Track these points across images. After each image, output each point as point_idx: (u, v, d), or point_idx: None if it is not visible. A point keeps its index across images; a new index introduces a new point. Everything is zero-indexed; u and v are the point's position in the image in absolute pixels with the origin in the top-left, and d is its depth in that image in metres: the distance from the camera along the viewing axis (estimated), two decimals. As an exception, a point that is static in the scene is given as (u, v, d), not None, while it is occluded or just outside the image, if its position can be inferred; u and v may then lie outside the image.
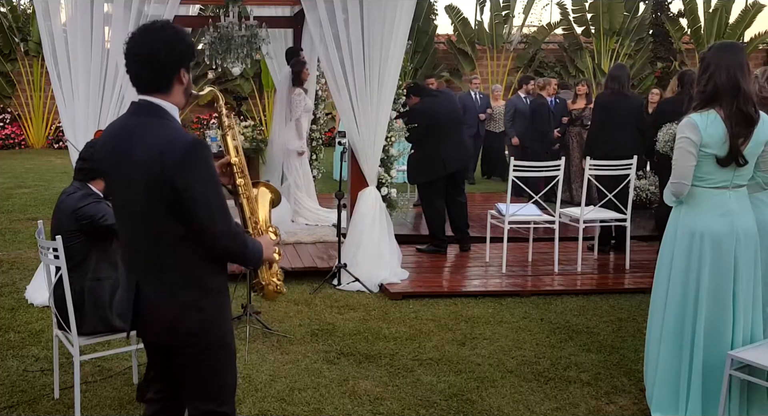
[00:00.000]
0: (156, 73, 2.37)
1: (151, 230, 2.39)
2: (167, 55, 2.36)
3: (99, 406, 3.80)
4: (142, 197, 2.35)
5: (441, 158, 6.69)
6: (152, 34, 2.37)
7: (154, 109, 2.38)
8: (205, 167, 2.31)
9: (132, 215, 2.43)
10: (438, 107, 6.79)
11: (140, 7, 5.60)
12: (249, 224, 2.69)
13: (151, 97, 2.39)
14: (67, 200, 3.59)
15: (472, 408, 3.84)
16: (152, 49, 2.35)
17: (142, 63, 2.37)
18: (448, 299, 5.67)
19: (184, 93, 2.45)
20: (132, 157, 2.34)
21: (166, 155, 2.27)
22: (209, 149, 2.35)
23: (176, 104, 2.43)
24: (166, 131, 2.33)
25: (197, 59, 2.78)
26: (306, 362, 4.41)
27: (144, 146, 2.32)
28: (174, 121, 2.40)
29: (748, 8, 17.22)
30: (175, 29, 2.40)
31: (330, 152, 11.21)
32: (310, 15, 6.15)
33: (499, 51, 17.84)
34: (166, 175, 2.27)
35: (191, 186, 2.28)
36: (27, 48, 15.80)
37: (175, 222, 2.33)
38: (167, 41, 2.36)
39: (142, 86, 2.41)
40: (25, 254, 6.83)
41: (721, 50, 3.48)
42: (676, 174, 3.52)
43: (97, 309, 3.54)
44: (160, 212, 2.33)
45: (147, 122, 2.37)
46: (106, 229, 3.53)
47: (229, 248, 2.41)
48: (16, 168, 12.83)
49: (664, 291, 3.66)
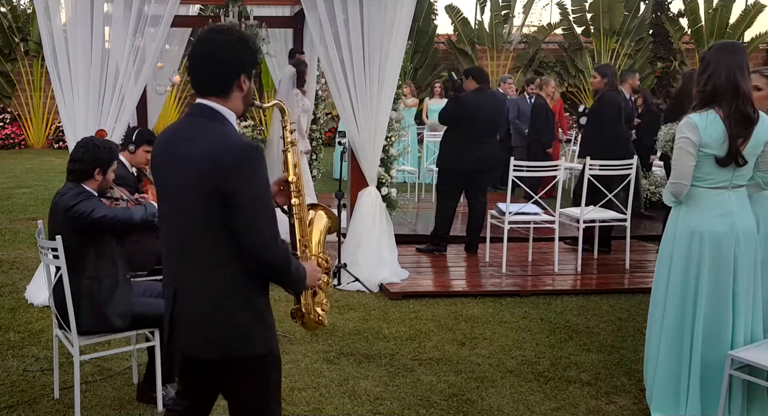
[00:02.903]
0: (215, 76, 2.31)
1: (194, 236, 2.30)
2: (228, 59, 2.29)
3: (99, 406, 3.80)
4: (191, 201, 2.27)
5: (460, 153, 6.68)
6: (216, 37, 2.31)
7: (212, 113, 2.31)
8: (257, 174, 2.23)
9: (178, 221, 2.34)
10: (479, 104, 6.69)
11: (140, 7, 5.60)
12: (298, 247, 2.57)
13: (209, 101, 2.32)
14: (60, 201, 3.58)
15: (472, 408, 3.84)
16: (214, 52, 2.29)
17: (203, 64, 2.31)
18: (448, 299, 5.67)
19: (243, 100, 2.36)
20: (185, 158, 2.27)
21: (220, 156, 2.20)
22: (263, 158, 2.27)
23: (234, 110, 2.35)
24: (222, 134, 2.26)
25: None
26: (306, 362, 4.41)
27: (198, 147, 2.25)
28: (230, 126, 2.32)
29: (749, 8, 17.21)
30: (241, 34, 2.35)
31: (330, 152, 11.22)
32: (310, 15, 6.15)
33: (499, 51, 17.84)
34: (217, 177, 2.19)
35: (240, 191, 2.20)
36: (27, 48, 15.80)
37: (221, 230, 2.24)
38: (230, 45, 2.29)
39: (201, 88, 2.34)
40: (25, 254, 6.83)
41: (720, 50, 3.48)
42: (675, 174, 3.52)
43: (96, 308, 3.53)
44: (208, 218, 2.25)
45: (203, 125, 2.30)
46: (95, 223, 3.49)
47: (272, 262, 2.28)
48: (16, 168, 12.83)
49: (663, 291, 3.66)
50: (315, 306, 2.62)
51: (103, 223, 3.51)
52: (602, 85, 6.92)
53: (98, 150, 3.65)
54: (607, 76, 6.91)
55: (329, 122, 12.76)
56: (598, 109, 6.98)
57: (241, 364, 2.36)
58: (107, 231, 3.57)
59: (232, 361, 2.36)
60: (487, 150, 6.81)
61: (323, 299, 2.66)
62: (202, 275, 2.32)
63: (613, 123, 6.87)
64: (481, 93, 6.75)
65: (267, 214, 2.25)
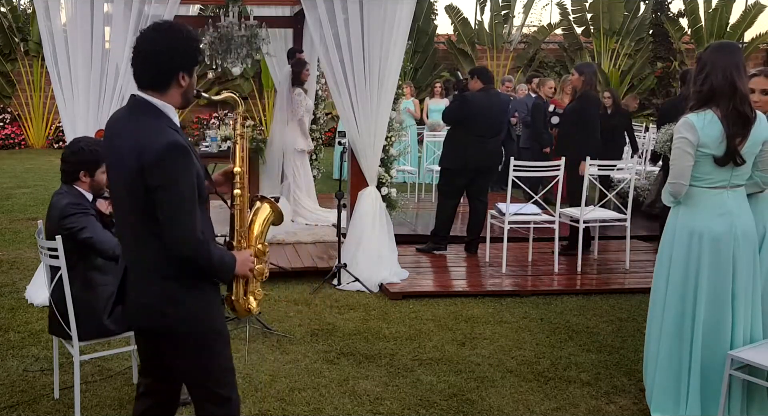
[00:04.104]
0: (153, 71, 2.41)
1: (132, 221, 2.46)
2: (166, 56, 2.38)
3: (99, 406, 3.80)
4: (125, 190, 2.41)
5: (464, 152, 6.68)
6: (157, 33, 2.40)
7: (148, 107, 2.42)
8: (175, 170, 2.32)
9: (119, 205, 2.52)
10: (483, 104, 6.69)
11: (140, 7, 5.60)
12: (236, 236, 2.68)
13: (146, 95, 2.43)
14: (55, 204, 3.58)
15: (472, 408, 3.84)
16: (153, 48, 2.38)
17: (142, 60, 2.41)
18: (448, 299, 5.67)
19: (182, 95, 2.47)
20: (119, 150, 2.40)
21: (143, 153, 2.31)
22: (186, 154, 2.35)
23: (172, 104, 2.45)
24: (150, 130, 2.36)
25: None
26: (306, 362, 4.41)
27: (129, 141, 2.38)
28: (166, 120, 2.42)
29: (749, 8, 17.20)
30: (182, 31, 2.41)
31: (330, 152, 11.21)
32: (310, 15, 6.15)
33: (499, 51, 17.84)
34: (141, 172, 2.32)
35: (159, 187, 2.31)
36: (27, 48, 15.79)
37: (149, 219, 2.36)
38: (169, 42, 2.38)
39: (140, 82, 2.45)
40: (25, 254, 6.83)
41: (717, 50, 3.49)
42: (673, 174, 3.52)
43: (92, 317, 3.53)
44: (139, 207, 2.38)
45: (138, 119, 2.41)
46: (82, 242, 3.51)
47: (190, 256, 2.39)
48: (16, 168, 12.82)
49: (663, 291, 3.66)
50: (247, 294, 2.71)
51: (86, 244, 3.52)
52: (580, 84, 6.83)
53: (83, 153, 3.65)
54: (585, 74, 6.80)
55: (329, 122, 12.75)
56: (578, 108, 6.85)
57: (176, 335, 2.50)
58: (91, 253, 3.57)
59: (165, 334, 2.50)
60: (491, 150, 6.82)
61: (255, 288, 2.74)
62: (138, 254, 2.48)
63: (594, 123, 6.84)
64: (486, 93, 6.76)
65: (183, 208, 2.35)
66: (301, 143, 7.65)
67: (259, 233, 2.77)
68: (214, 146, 7.49)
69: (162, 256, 2.41)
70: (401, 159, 7.93)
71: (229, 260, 2.53)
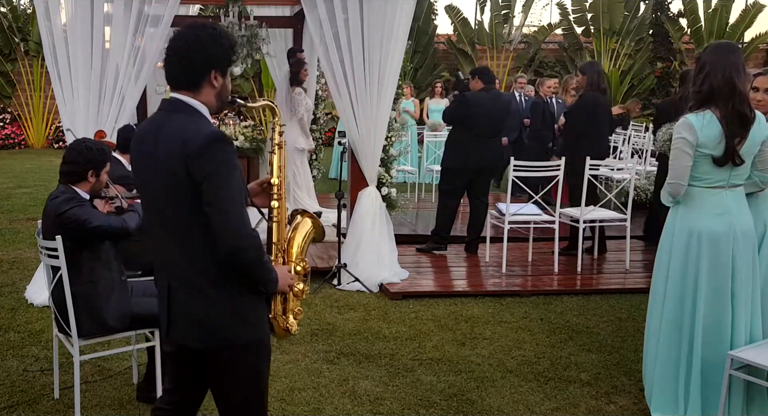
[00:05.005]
0: (185, 71, 2.36)
1: (177, 227, 2.33)
2: (197, 55, 2.33)
3: (99, 406, 3.80)
4: (168, 193, 2.31)
5: (466, 152, 6.68)
6: (189, 32, 2.35)
7: (182, 106, 2.36)
8: (224, 160, 2.24)
9: (160, 214, 2.37)
10: (483, 104, 6.68)
11: (140, 7, 5.60)
12: (274, 250, 2.56)
13: (180, 95, 2.37)
14: (51, 205, 3.56)
15: (472, 408, 3.84)
16: (184, 47, 2.34)
17: (174, 59, 2.36)
18: (448, 299, 5.67)
19: (216, 96, 2.40)
20: (157, 151, 2.31)
21: (187, 145, 2.23)
22: (231, 145, 2.29)
23: (207, 104, 2.39)
24: (190, 125, 2.30)
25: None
26: (306, 362, 4.41)
27: (168, 139, 2.29)
28: (202, 118, 2.36)
29: (749, 8, 17.20)
30: (215, 31, 2.37)
31: (330, 152, 11.21)
32: (310, 15, 6.15)
33: (499, 51, 17.83)
34: (186, 166, 2.23)
35: (206, 177, 2.22)
36: (27, 48, 15.79)
37: (198, 218, 2.25)
38: (201, 41, 2.33)
39: (173, 83, 2.39)
40: (25, 254, 6.83)
41: (716, 51, 3.49)
42: (672, 174, 3.52)
43: (93, 312, 3.52)
44: (185, 208, 2.28)
45: (174, 118, 2.34)
46: (92, 232, 3.50)
47: (241, 251, 2.25)
48: (16, 168, 12.82)
49: (662, 291, 3.66)
50: (286, 312, 2.60)
51: (98, 233, 3.51)
52: (584, 84, 6.82)
53: (91, 152, 3.64)
54: (588, 74, 6.77)
55: (329, 122, 12.75)
56: (576, 108, 6.87)
57: (227, 352, 2.39)
58: (103, 240, 3.57)
59: (219, 349, 2.38)
60: (492, 150, 6.82)
61: (296, 306, 2.64)
62: (187, 264, 2.34)
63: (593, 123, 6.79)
64: (487, 93, 6.76)
65: (236, 199, 2.26)
66: (301, 142, 7.66)
67: (299, 250, 2.67)
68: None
69: (211, 259, 2.29)
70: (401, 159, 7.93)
71: (274, 270, 2.41)
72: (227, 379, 2.43)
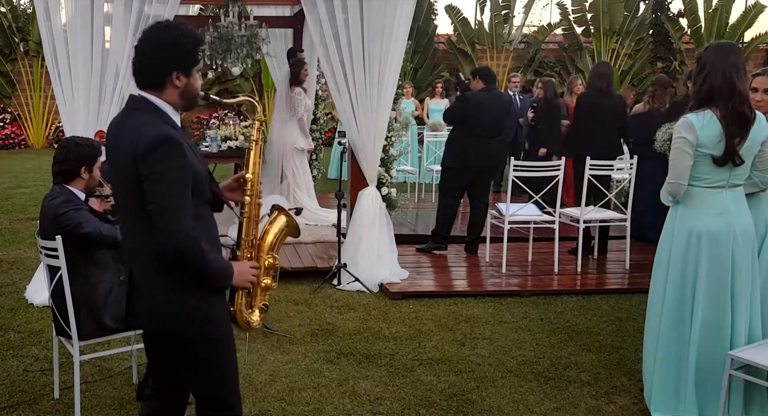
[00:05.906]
0: (148, 70, 2.41)
1: (134, 220, 2.43)
2: (159, 55, 2.38)
3: (99, 406, 3.80)
4: (125, 187, 2.40)
5: (467, 152, 6.68)
6: (154, 33, 2.40)
7: (145, 104, 2.42)
8: (164, 162, 2.29)
9: (122, 205, 2.50)
10: (484, 104, 6.69)
11: (140, 7, 5.60)
12: (243, 245, 2.61)
13: (145, 93, 2.43)
14: (48, 206, 3.56)
15: (472, 408, 3.84)
16: (148, 47, 2.39)
17: (138, 58, 2.42)
18: (448, 299, 5.67)
19: (179, 95, 2.44)
20: (118, 147, 2.40)
21: (138, 144, 2.30)
22: (178, 148, 2.31)
23: (170, 103, 2.43)
24: (145, 124, 2.35)
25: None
26: (306, 362, 4.41)
27: (126, 137, 2.37)
28: (164, 117, 2.40)
29: (749, 8, 17.21)
30: (179, 32, 2.39)
31: (329, 152, 11.21)
32: (310, 15, 6.15)
33: (499, 51, 17.84)
34: (136, 164, 2.30)
35: (147, 177, 2.29)
36: (27, 48, 15.79)
37: (145, 213, 2.32)
38: (164, 42, 2.37)
39: (138, 81, 2.46)
40: (25, 254, 6.83)
41: (717, 51, 3.50)
42: (672, 174, 3.53)
43: (92, 314, 3.52)
44: (137, 203, 2.34)
45: (135, 116, 2.41)
46: (83, 237, 3.50)
47: (178, 250, 2.29)
48: (16, 168, 12.82)
49: (661, 291, 3.66)
50: (252, 307, 2.66)
51: (88, 239, 3.51)
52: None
53: (80, 148, 3.64)
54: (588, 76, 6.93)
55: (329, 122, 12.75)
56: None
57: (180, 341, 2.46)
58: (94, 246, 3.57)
59: (171, 337, 2.46)
60: (492, 150, 6.82)
61: (261, 302, 2.68)
62: (142, 254, 2.43)
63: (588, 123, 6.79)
64: (487, 93, 6.77)
65: (175, 202, 2.29)
66: (301, 142, 7.67)
67: (271, 245, 2.69)
68: (214, 146, 7.49)
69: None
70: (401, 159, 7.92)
71: (224, 266, 2.45)
72: (185, 372, 2.53)
